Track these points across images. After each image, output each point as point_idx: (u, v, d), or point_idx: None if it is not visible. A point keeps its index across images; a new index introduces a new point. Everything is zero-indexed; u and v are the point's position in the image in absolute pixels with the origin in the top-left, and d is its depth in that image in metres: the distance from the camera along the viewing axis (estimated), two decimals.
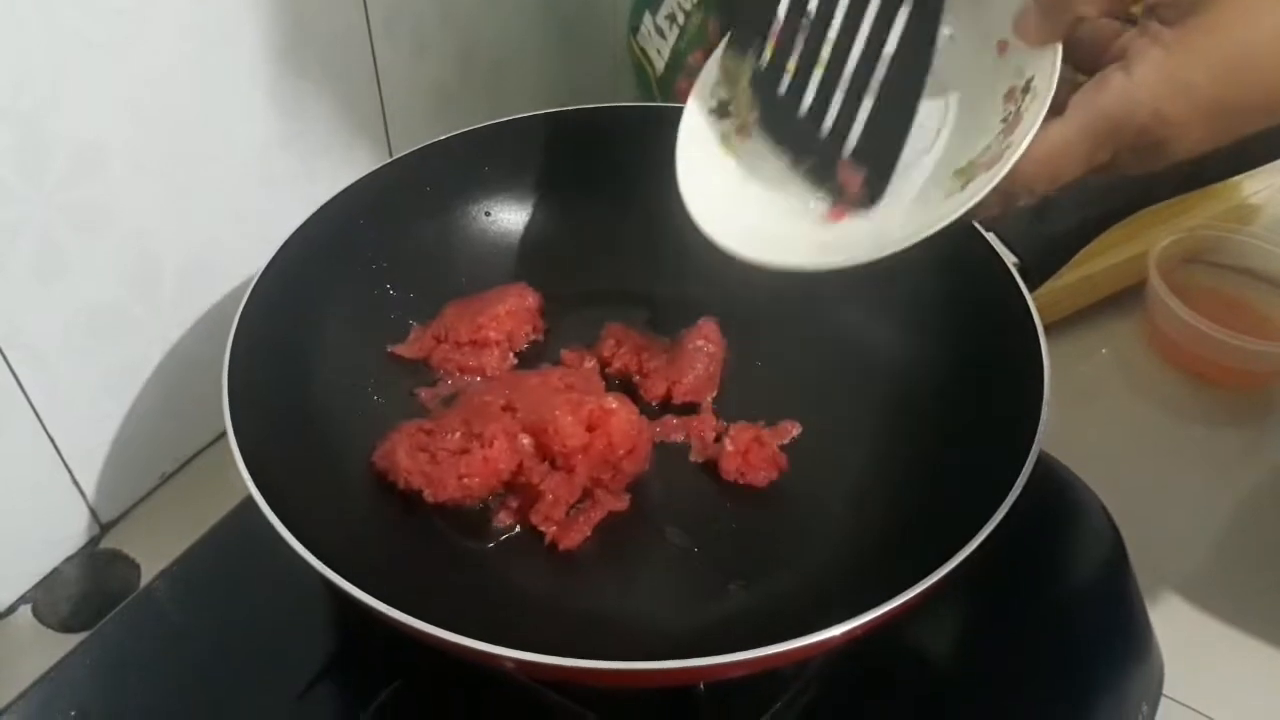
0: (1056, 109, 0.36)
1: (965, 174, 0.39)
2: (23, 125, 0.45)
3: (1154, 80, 0.34)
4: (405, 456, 0.47)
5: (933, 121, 0.41)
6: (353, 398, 0.52)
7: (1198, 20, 0.33)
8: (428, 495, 0.47)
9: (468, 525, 0.48)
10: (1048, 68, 0.37)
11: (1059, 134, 0.35)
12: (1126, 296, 0.69)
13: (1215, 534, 0.57)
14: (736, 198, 0.45)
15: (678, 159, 0.46)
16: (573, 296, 0.58)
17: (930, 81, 0.40)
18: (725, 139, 0.46)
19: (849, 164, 0.42)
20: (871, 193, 0.41)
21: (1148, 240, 0.67)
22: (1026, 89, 0.37)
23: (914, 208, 0.40)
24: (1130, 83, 0.34)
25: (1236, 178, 0.70)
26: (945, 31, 0.41)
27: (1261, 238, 0.68)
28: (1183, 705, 0.48)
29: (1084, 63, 0.37)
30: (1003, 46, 0.39)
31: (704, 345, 0.54)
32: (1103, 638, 0.47)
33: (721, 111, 0.47)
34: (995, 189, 0.36)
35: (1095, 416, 0.64)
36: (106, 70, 0.48)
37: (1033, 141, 0.35)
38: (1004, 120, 0.38)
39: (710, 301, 0.56)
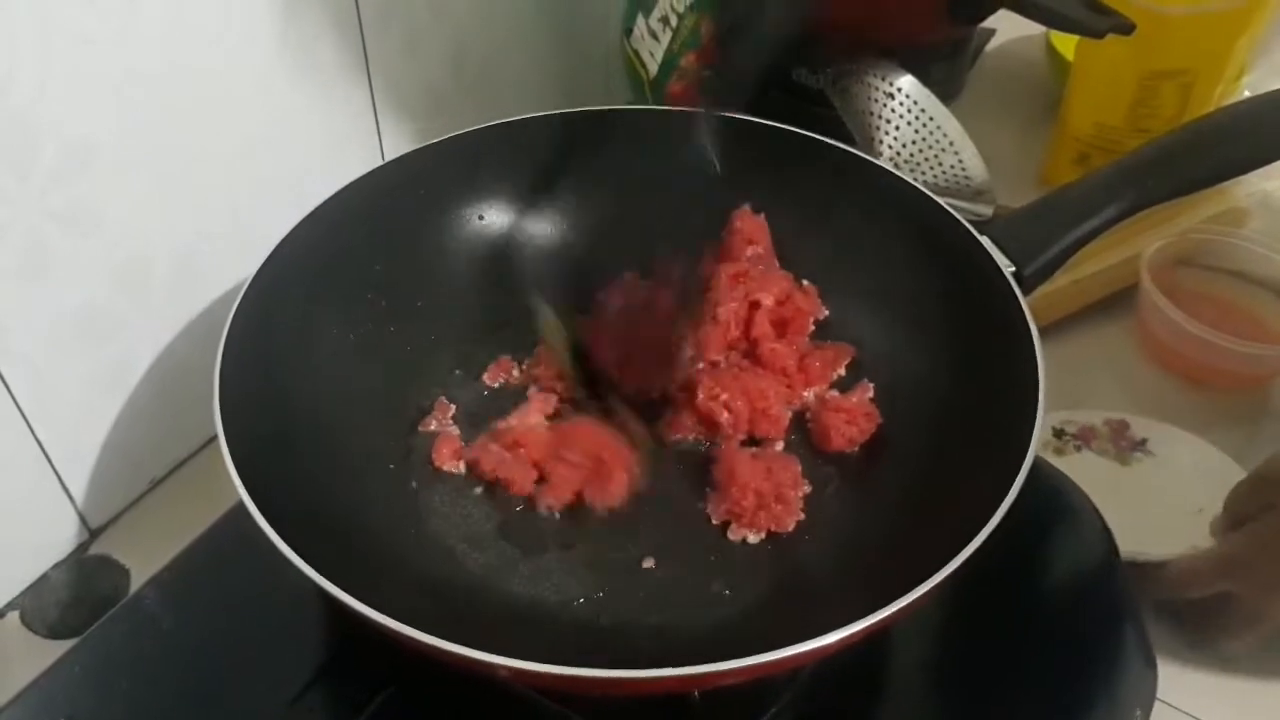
0: None
1: None
2: (9, 121, 0.44)
3: None
4: None
5: None
6: (346, 404, 0.52)
7: None
8: None
9: (462, 529, 0.48)
10: None
11: None
12: (1118, 299, 0.69)
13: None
14: None
15: None
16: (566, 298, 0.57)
17: None
18: None
19: None
20: None
21: (1139, 243, 0.67)
22: None
23: None
24: None
25: (1227, 182, 0.71)
26: None
27: (1252, 240, 0.69)
28: (1177, 710, 0.49)
29: None
30: None
31: None
32: (1096, 641, 0.47)
33: None
34: None
35: None
36: (96, 66, 0.47)
37: None
38: None
39: None
